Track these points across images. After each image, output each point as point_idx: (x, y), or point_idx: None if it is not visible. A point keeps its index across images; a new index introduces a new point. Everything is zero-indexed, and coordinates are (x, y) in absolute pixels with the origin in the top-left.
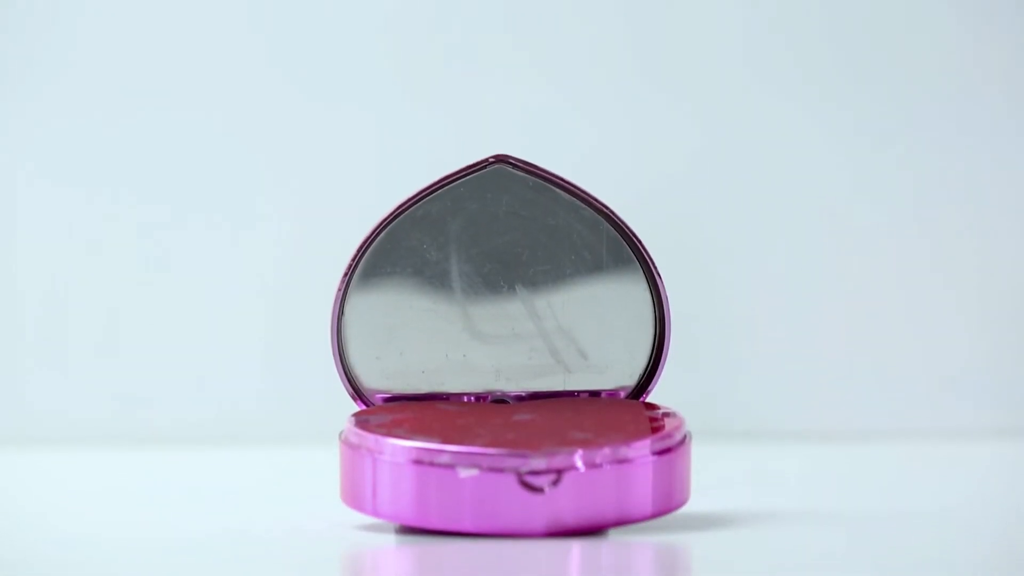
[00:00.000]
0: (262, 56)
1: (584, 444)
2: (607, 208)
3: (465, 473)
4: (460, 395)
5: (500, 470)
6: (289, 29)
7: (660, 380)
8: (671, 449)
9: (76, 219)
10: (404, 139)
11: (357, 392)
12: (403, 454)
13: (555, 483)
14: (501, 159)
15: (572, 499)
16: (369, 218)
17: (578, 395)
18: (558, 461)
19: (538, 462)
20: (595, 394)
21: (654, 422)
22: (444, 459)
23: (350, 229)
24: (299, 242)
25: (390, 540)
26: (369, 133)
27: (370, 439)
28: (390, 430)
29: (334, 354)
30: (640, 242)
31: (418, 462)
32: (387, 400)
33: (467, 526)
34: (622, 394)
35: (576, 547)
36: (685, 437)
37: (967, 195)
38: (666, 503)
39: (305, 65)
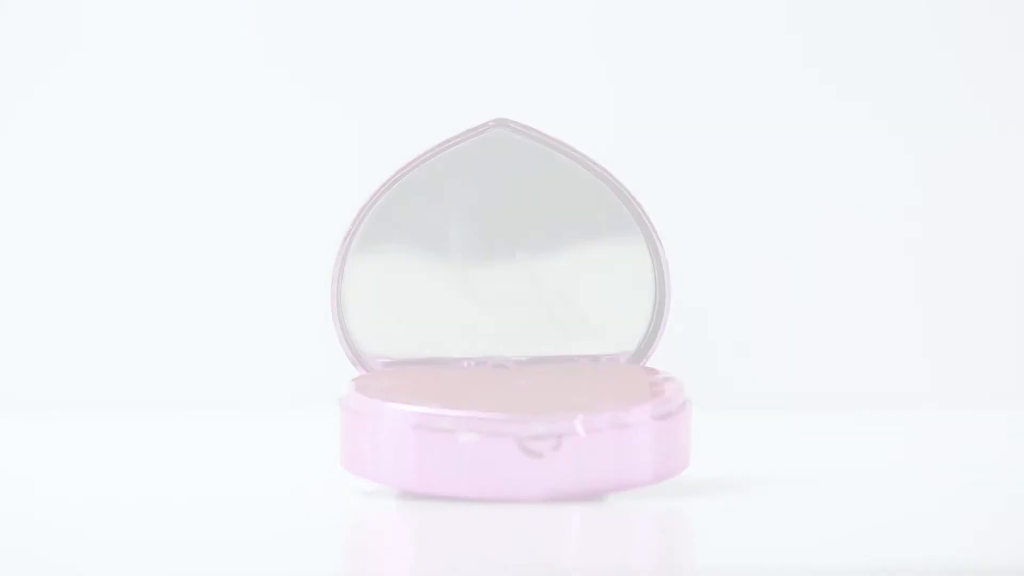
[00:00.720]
0: (257, 24)
1: (584, 409)
2: (607, 171)
3: (465, 438)
4: (460, 360)
5: (500, 435)
6: None
7: (660, 345)
8: (671, 414)
9: (73, 182)
10: (404, 103)
11: (357, 357)
12: (403, 419)
13: (555, 448)
14: (501, 123)
15: (572, 464)
16: (368, 183)
17: (578, 360)
18: (558, 426)
19: (538, 427)
20: (595, 359)
21: (654, 387)
22: (444, 424)
23: (349, 194)
24: (299, 207)
25: (390, 505)
26: (369, 97)
27: (370, 404)
28: (390, 395)
29: (334, 319)
30: (640, 206)
31: (418, 427)
32: (387, 365)
33: (467, 491)
34: (622, 359)
35: (576, 512)
36: (685, 402)
37: (968, 167)
38: (666, 468)
39: (303, 30)
